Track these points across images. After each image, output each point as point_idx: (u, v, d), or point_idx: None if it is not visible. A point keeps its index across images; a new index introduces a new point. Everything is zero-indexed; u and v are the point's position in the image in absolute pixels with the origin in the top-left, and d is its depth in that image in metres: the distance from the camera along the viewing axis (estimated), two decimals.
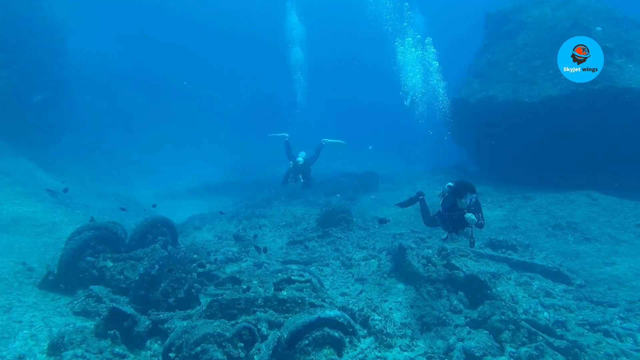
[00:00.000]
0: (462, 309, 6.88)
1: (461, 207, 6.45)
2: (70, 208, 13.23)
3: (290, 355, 5.10)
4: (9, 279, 6.77)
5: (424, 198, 8.26)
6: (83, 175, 21.84)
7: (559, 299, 7.84)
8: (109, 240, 7.53)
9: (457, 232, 6.98)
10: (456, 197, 6.46)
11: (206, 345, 4.79)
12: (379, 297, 7.49)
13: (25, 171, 16.09)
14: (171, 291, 6.34)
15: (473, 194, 6.29)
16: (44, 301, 6.39)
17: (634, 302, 7.76)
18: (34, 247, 8.94)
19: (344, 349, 5.34)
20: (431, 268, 8.07)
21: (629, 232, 10.34)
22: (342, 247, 10.11)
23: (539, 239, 10.76)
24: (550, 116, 12.77)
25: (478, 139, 16.22)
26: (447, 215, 6.72)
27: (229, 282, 6.63)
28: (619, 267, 9.17)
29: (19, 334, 5.33)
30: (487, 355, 5.50)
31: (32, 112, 21.66)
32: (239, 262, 8.94)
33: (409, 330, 6.15)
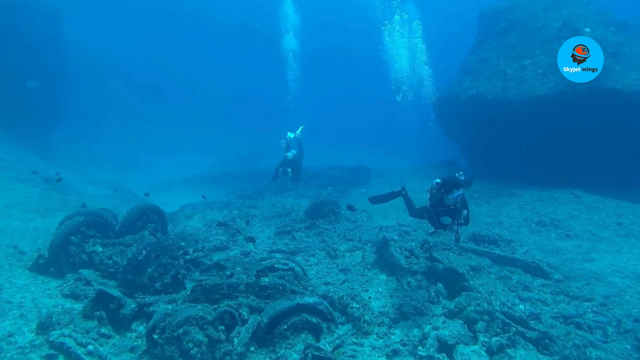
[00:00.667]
0: (440, 300, 7.12)
1: (447, 204, 6.59)
2: (64, 194, 13.38)
3: (270, 339, 5.32)
4: (1, 261, 6.96)
5: (406, 193, 8.42)
6: (77, 163, 21.93)
7: (536, 292, 8.09)
8: (99, 226, 7.71)
9: (443, 228, 7.07)
10: (443, 194, 6.59)
11: (188, 327, 5.00)
12: (361, 287, 7.71)
13: (20, 157, 16.20)
14: (158, 276, 6.54)
15: (459, 190, 6.43)
16: (34, 283, 6.58)
17: (608, 297, 8.02)
18: (26, 231, 9.10)
19: (321, 334, 5.56)
20: (413, 260, 8.29)
21: (609, 229, 10.60)
22: (329, 238, 10.32)
23: (523, 235, 11.00)
24: (537, 115, 12.98)
25: (468, 135, 16.44)
26: (433, 211, 6.86)
27: (214, 269, 6.83)
28: (598, 264, 9.42)
29: (8, 313, 5.51)
30: (459, 344, 5.72)
31: (27, 98, 21.70)
32: (226, 250, 9.14)
33: (386, 318, 6.37)
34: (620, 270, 9.03)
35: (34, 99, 22.23)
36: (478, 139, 15.65)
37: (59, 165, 19.39)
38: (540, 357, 5.64)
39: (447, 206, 6.60)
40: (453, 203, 6.50)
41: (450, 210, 6.66)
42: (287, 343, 5.31)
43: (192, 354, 4.87)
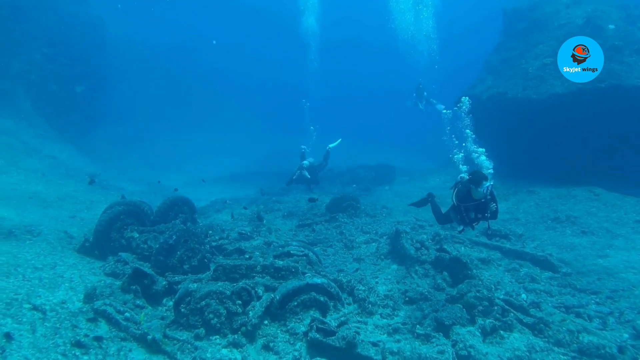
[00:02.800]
0: (444, 287, 7.59)
1: (476, 197, 6.62)
2: (106, 189, 14.62)
3: (281, 314, 5.99)
4: (54, 243, 7.98)
5: (433, 199, 8.54)
6: (118, 162, 23.44)
7: (543, 284, 8.39)
8: (136, 215, 8.63)
9: (472, 225, 7.09)
10: (471, 187, 6.58)
11: (209, 301, 5.74)
12: (372, 274, 8.26)
13: (69, 155, 17.67)
14: (186, 259, 7.35)
15: (488, 182, 6.51)
16: (81, 263, 7.54)
17: (616, 291, 8.21)
18: (74, 220, 10.21)
19: (328, 312, 6.19)
20: (423, 251, 8.77)
21: (627, 227, 10.66)
22: (347, 231, 10.91)
23: (538, 231, 11.21)
24: (557, 113, 13.05)
25: (491, 134, 16.58)
26: (462, 207, 6.83)
27: (236, 253, 7.58)
28: (612, 260, 9.56)
29: (61, 285, 6.43)
30: (456, 325, 6.20)
31: (75, 101, 23.48)
32: (250, 240, 9.87)
33: (391, 301, 6.91)
34: (634, 267, 9.15)
35: (80, 102, 24.06)
36: (500, 138, 15.79)
37: (102, 164, 20.92)
38: (532, 339, 6.02)
39: (475, 200, 6.58)
40: (483, 196, 6.47)
41: (479, 204, 6.63)
42: (296, 318, 5.97)
43: (213, 324, 5.61)
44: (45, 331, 4.90)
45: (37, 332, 4.81)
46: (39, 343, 4.58)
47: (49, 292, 6.08)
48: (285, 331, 5.80)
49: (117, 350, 4.97)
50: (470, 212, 6.74)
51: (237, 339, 5.49)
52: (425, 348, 5.62)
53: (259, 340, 5.62)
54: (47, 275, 6.63)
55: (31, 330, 4.80)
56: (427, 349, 5.56)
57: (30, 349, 4.42)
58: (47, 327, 5.00)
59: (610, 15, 13.97)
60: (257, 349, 5.50)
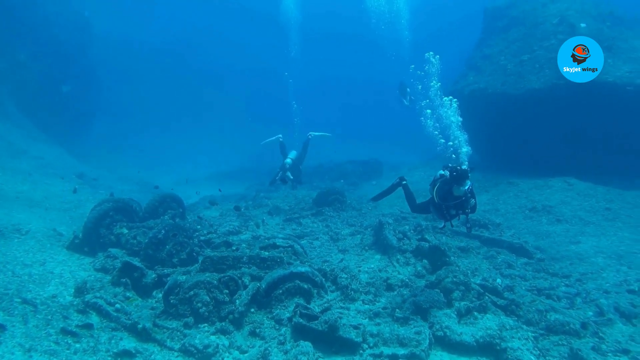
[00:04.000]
0: (424, 274, 7.94)
1: (457, 195, 6.52)
2: (95, 189, 14.74)
3: (267, 302, 6.28)
4: (43, 240, 8.16)
5: (406, 183, 8.24)
6: (106, 161, 23.46)
7: (518, 270, 8.80)
8: (125, 211, 8.84)
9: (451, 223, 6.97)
10: (452, 185, 6.49)
11: (197, 290, 5.99)
12: (356, 264, 8.58)
13: (56, 155, 17.71)
14: (175, 253, 7.59)
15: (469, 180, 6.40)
16: (71, 259, 7.73)
17: (586, 274, 8.67)
18: (63, 218, 10.35)
19: (312, 299, 6.48)
20: (405, 241, 9.13)
21: (598, 215, 11.15)
22: (333, 224, 11.23)
23: (516, 221, 11.66)
24: (534, 107, 13.54)
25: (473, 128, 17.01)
26: (444, 205, 6.73)
27: (223, 246, 7.84)
28: (583, 246, 10.03)
29: (51, 281, 6.64)
30: (433, 308, 6.54)
31: (61, 101, 23.40)
32: (239, 234, 10.12)
33: (373, 288, 7.23)
34: (603, 252, 9.64)
35: (67, 102, 23.98)
36: (482, 132, 16.23)
37: (90, 163, 20.94)
38: (503, 319, 6.38)
39: (457, 198, 6.52)
40: (464, 193, 6.43)
41: (460, 201, 6.59)
42: (281, 305, 6.26)
43: (201, 312, 5.87)
44: (37, 322, 5.12)
45: (29, 323, 5.03)
46: (31, 333, 4.81)
47: (39, 288, 6.28)
48: (271, 318, 6.08)
49: (109, 339, 5.20)
50: (451, 209, 6.71)
51: (225, 326, 5.75)
52: (404, 330, 5.94)
53: (245, 327, 5.90)
54: (36, 272, 6.82)
55: (23, 322, 5.01)
56: (405, 331, 5.89)
57: (24, 338, 4.65)
58: (38, 319, 5.22)
59: (582, 14, 14.47)
60: (244, 335, 5.78)
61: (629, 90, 12.52)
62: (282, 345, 5.45)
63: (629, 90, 12.45)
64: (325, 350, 5.47)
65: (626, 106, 12.64)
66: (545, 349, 5.99)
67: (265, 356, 5.21)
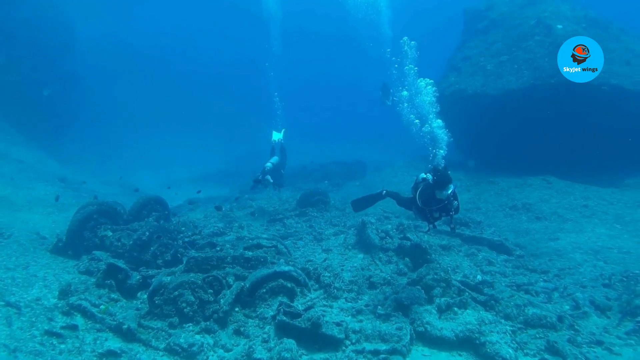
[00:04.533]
0: (406, 272, 8.11)
1: (440, 198, 6.46)
2: (78, 192, 14.62)
3: (251, 301, 6.37)
4: (26, 244, 8.12)
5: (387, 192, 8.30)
6: (90, 165, 23.24)
7: (498, 266, 9.03)
8: (109, 214, 8.83)
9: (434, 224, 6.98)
10: (435, 190, 6.45)
11: (182, 291, 6.06)
12: (339, 263, 8.71)
13: (38, 159, 17.51)
14: (159, 254, 7.63)
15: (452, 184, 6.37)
16: (54, 262, 7.71)
17: (564, 269, 8.94)
18: (46, 222, 10.29)
19: (295, 297, 6.59)
20: (388, 240, 9.30)
21: (575, 212, 11.48)
22: (316, 224, 11.35)
23: (497, 219, 11.93)
24: (513, 107, 13.91)
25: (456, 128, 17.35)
26: (427, 209, 6.69)
27: (207, 247, 7.90)
28: (561, 242, 10.33)
29: (35, 284, 6.62)
30: (414, 304, 6.70)
31: (42, 104, 23.09)
32: (223, 236, 10.18)
33: (355, 286, 7.36)
34: (580, 247, 9.93)
35: (48, 105, 23.66)
36: (464, 132, 16.56)
37: (73, 167, 20.72)
38: (483, 314, 6.58)
39: (439, 202, 6.44)
40: (447, 197, 6.34)
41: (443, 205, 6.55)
42: (265, 304, 6.36)
43: (186, 312, 5.94)
44: (22, 324, 5.14)
45: (13, 325, 5.05)
46: (16, 335, 4.83)
47: (22, 291, 6.28)
48: (255, 316, 6.18)
49: (94, 340, 5.25)
50: (434, 213, 6.70)
51: (210, 325, 5.83)
52: (385, 326, 6.09)
53: (230, 326, 5.98)
54: (20, 275, 6.80)
55: (7, 324, 5.03)
56: (386, 327, 6.04)
57: (8, 339, 4.67)
58: (23, 321, 5.24)
59: (558, 16, 14.91)
60: (228, 334, 5.86)
61: (604, 90, 12.95)
62: (266, 343, 5.55)
63: (604, 90, 12.87)
64: (308, 347, 5.58)
65: (601, 105, 13.07)
66: (523, 342, 6.21)
67: (250, 354, 5.30)
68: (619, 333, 6.57)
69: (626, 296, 7.25)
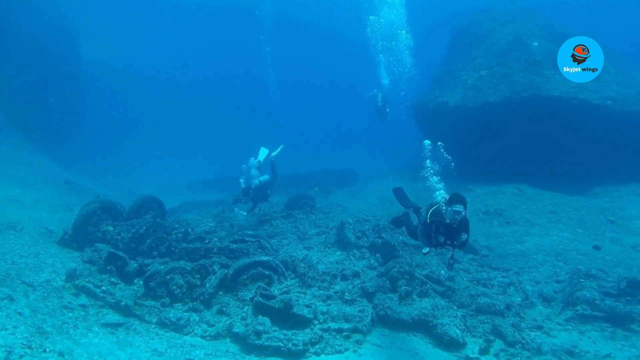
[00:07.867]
0: (377, 266, 9.00)
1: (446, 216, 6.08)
2: (81, 194, 15.56)
3: (234, 286, 7.26)
4: (36, 236, 9.04)
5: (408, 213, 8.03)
6: (93, 169, 24.21)
7: (463, 264, 9.90)
8: (110, 211, 9.74)
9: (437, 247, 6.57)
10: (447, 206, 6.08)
11: (173, 275, 6.96)
12: (317, 259, 9.58)
13: (43, 163, 18.46)
14: (155, 246, 8.55)
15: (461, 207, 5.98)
16: (61, 253, 8.61)
17: (524, 268, 9.82)
18: (52, 220, 11.19)
19: (273, 284, 7.49)
20: (364, 239, 10.20)
21: (543, 217, 12.37)
22: (301, 225, 12.23)
23: (471, 224, 12.70)
24: (490, 119, 14.86)
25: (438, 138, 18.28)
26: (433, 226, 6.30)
27: (197, 241, 8.81)
28: (527, 245, 11.21)
29: (45, 269, 7.52)
30: (378, 292, 7.58)
31: (48, 112, 24.15)
32: (214, 234, 11.09)
33: (328, 277, 8.25)
34: (544, 250, 10.80)
35: (53, 113, 24.75)
36: (445, 142, 17.45)
37: (75, 171, 21.69)
38: (437, 301, 7.46)
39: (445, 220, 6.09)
40: (452, 218, 5.98)
41: (451, 228, 6.10)
42: (246, 289, 7.25)
43: (176, 294, 6.83)
44: (37, 297, 6.05)
45: (29, 297, 5.96)
46: (32, 304, 5.74)
47: (35, 274, 7.17)
48: (236, 299, 7.07)
49: (96, 313, 6.15)
50: (439, 235, 6.28)
51: (196, 305, 6.74)
52: (350, 309, 6.99)
53: (214, 306, 6.88)
54: (32, 262, 7.70)
55: (25, 296, 5.94)
56: (351, 309, 6.94)
57: (27, 307, 5.58)
58: (37, 295, 6.15)
59: (535, 34, 15.95)
60: (212, 313, 6.75)
61: (574, 103, 13.92)
62: (244, 320, 6.43)
63: (574, 103, 13.85)
64: (281, 326, 6.43)
65: (572, 118, 14.03)
66: (473, 326, 7.10)
67: (230, 328, 6.20)
68: (559, 320, 7.48)
69: (569, 289, 8.14)
